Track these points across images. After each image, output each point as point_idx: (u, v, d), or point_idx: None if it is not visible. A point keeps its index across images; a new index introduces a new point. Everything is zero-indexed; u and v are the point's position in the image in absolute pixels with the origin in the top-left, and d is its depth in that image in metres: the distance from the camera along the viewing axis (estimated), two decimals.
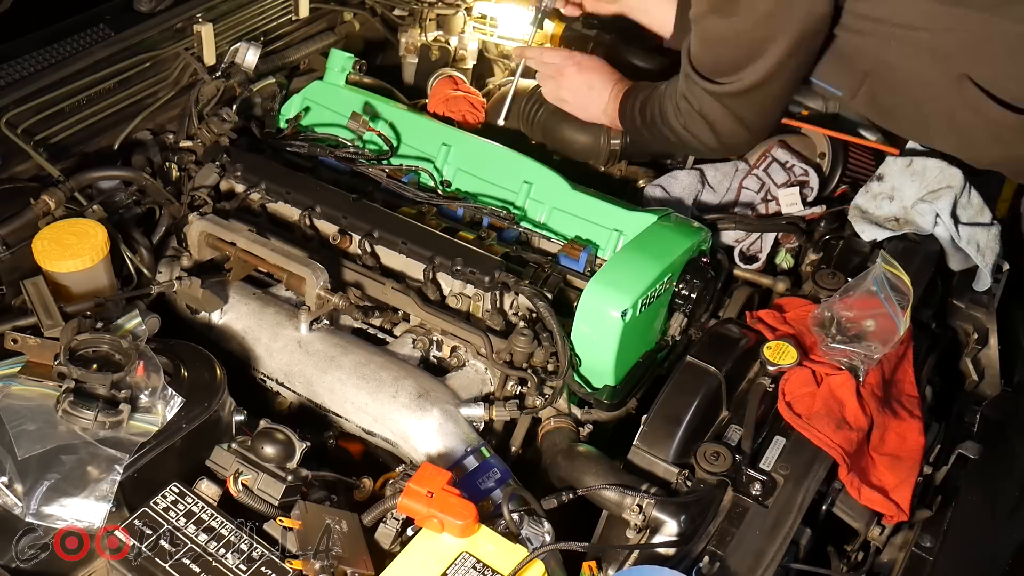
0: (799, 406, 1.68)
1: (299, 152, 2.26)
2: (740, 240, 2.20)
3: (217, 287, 1.97)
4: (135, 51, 2.23)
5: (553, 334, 1.82)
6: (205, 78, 2.30)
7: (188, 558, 1.39)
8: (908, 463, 1.68)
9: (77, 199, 2.00)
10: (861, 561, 1.68)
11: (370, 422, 1.83)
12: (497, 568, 1.40)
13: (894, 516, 1.63)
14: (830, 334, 1.75)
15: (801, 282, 2.15)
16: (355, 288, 1.95)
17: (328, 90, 2.39)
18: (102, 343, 1.61)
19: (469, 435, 1.78)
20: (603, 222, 2.04)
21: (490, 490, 1.66)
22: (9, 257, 1.90)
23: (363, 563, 1.44)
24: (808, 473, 1.61)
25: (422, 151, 2.26)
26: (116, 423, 1.52)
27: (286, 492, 1.50)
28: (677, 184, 2.29)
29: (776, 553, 1.50)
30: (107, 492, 1.46)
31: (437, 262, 1.93)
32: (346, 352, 1.89)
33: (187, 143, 2.24)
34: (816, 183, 2.28)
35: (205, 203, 2.09)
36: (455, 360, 1.93)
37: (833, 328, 1.75)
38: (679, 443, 1.65)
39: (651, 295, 1.85)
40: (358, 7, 2.73)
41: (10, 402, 1.53)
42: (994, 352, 2.02)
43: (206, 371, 1.69)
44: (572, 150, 2.41)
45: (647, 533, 1.57)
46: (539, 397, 1.83)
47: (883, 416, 1.71)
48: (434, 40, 2.76)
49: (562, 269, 1.96)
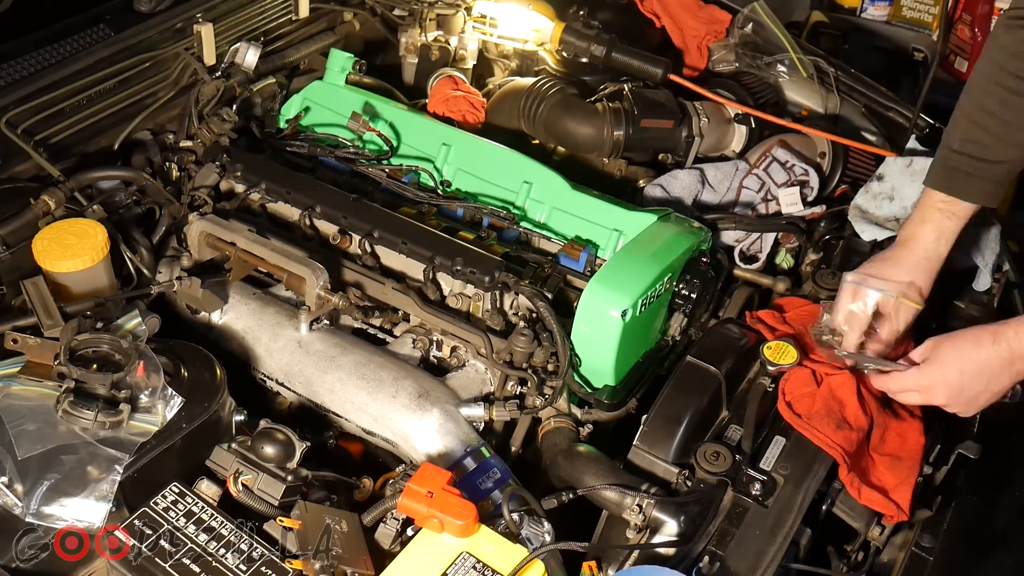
0: (799, 406, 1.68)
1: (299, 152, 2.26)
2: (740, 240, 2.20)
3: (217, 287, 1.97)
4: (135, 51, 2.23)
5: (553, 334, 1.82)
6: (205, 78, 2.30)
7: (188, 558, 1.39)
8: (908, 463, 1.68)
9: (77, 199, 2.00)
10: (861, 561, 1.68)
11: (370, 422, 1.83)
12: (497, 568, 1.40)
13: (894, 516, 1.63)
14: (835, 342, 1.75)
15: (801, 282, 2.15)
16: (355, 288, 1.95)
17: (328, 90, 2.39)
18: (102, 343, 1.61)
19: (469, 435, 1.78)
20: (603, 222, 2.04)
21: (490, 490, 1.66)
22: (9, 257, 1.90)
23: (363, 563, 1.44)
24: (808, 473, 1.61)
25: (422, 151, 2.26)
26: (116, 423, 1.52)
27: (286, 492, 1.50)
28: (677, 184, 2.29)
29: (776, 553, 1.50)
30: (107, 492, 1.46)
31: (437, 262, 1.93)
32: (346, 352, 1.89)
33: (187, 143, 2.24)
34: (816, 183, 2.28)
35: (205, 203, 2.09)
36: (455, 360, 1.93)
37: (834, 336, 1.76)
38: (679, 443, 1.65)
39: (651, 295, 1.85)
40: (358, 7, 2.73)
41: (10, 402, 1.53)
42: None
43: (206, 371, 1.69)
44: (576, 143, 2.41)
45: (647, 533, 1.57)
46: (539, 397, 1.83)
47: (883, 416, 1.71)
48: (434, 40, 2.76)
49: (562, 269, 1.96)
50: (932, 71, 2.36)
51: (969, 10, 3.43)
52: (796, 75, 2.56)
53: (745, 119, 2.47)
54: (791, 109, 2.61)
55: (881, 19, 3.69)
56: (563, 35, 2.60)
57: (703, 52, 2.67)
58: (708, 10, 2.70)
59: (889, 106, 2.50)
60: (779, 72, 2.56)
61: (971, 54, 3.45)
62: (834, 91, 2.56)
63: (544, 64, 2.69)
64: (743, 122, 2.47)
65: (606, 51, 2.54)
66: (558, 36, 2.61)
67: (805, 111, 2.58)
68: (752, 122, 2.46)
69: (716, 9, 2.70)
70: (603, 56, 2.54)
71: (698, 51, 2.68)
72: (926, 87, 2.27)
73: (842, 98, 2.56)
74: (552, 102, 2.39)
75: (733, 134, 2.49)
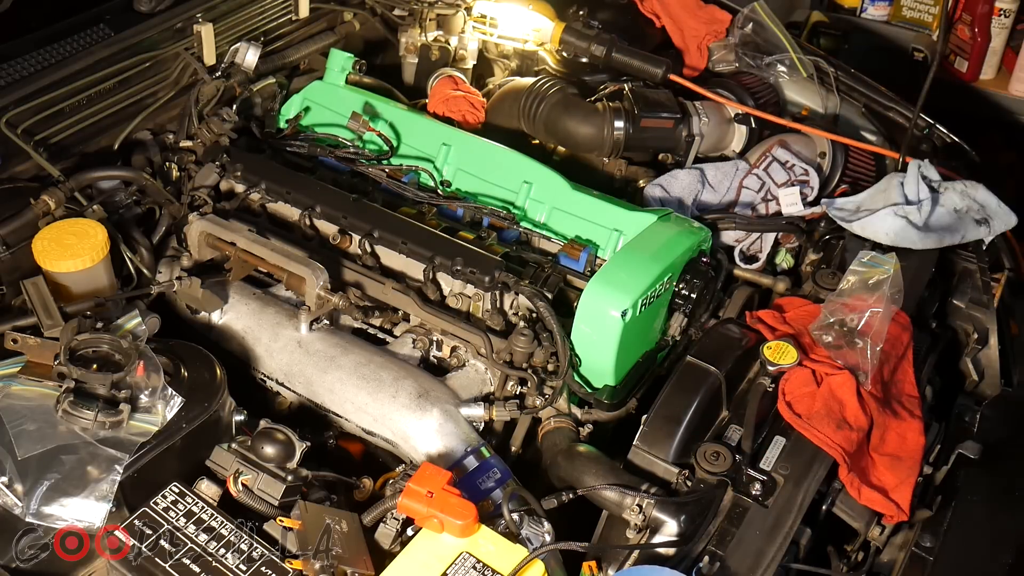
0: (799, 406, 1.68)
1: (299, 152, 2.26)
2: (740, 240, 2.20)
3: (217, 287, 1.97)
4: (135, 51, 2.23)
5: (553, 334, 1.82)
6: (205, 78, 2.30)
7: (188, 558, 1.39)
8: (908, 463, 1.68)
9: (77, 199, 2.00)
10: (861, 561, 1.68)
11: (370, 422, 1.83)
12: (497, 568, 1.40)
13: (894, 516, 1.63)
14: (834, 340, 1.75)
15: (801, 282, 2.15)
16: (355, 288, 1.95)
17: (328, 90, 2.39)
18: (102, 343, 1.61)
19: (469, 435, 1.78)
20: (603, 222, 2.04)
21: (490, 490, 1.66)
22: (9, 257, 1.91)
23: (363, 563, 1.44)
24: (808, 473, 1.61)
25: (422, 151, 2.26)
26: (116, 423, 1.52)
27: (286, 492, 1.50)
28: (677, 184, 2.29)
29: (776, 553, 1.51)
30: (107, 492, 1.46)
31: (437, 262, 1.93)
32: (346, 352, 1.89)
33: (187, 143, 2.24)
34: (816, 183, 2.28)
35: (205, 203, 2.09)
36: (455, 360, 1.93)
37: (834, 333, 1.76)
38: (679, 443, 1.65)
39: (651, 295, 1.85)
40: (358, 7, 2.73)
41: (10, 402, 1.53)
42: (994, 352, 2.02)
43: (206, 371, 1.69)
44: (576, 142, 2.41)
45: (647, 533, 1.57)
46: (539, 397, 1.83)
47: (883, 416, 1.71)
48: (434, 40, 2.76)
49: (562, 269, 1.96)
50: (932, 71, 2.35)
51: (969, 10, 3.43)
52: (796, 75, 2.56)
53: (745, 119, 2.47)
54: (791, 109, 2.61)
55: (881, 19, 3.69)
56: (563, 35, 2.60)
57: (703, 52, 2.67)
58: (708, 10, 2.70)
59: (889, 106, 2.50)
60: (779, 72, 2.56)
61: (971, 54, 3.46)
62: (834, 91, 2.56)
63: (544, 64, 2.69)
64: (743, 122, 2.47)
65: (606, 51, 2.54)
66: (558, 36, 2.61)
67: (805, 111, 2.58)
68: (752, 122, 2.46)
69: (716, 9, 2.70)
70: (603, 56, 2.55)
71: (698, 51, 2.68)
72: (926, 87, 2.27)
73: (842, 98, 2.56)
74: (552, 101, 2.39)
75: (733, 134, 2.49)
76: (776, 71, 2.56)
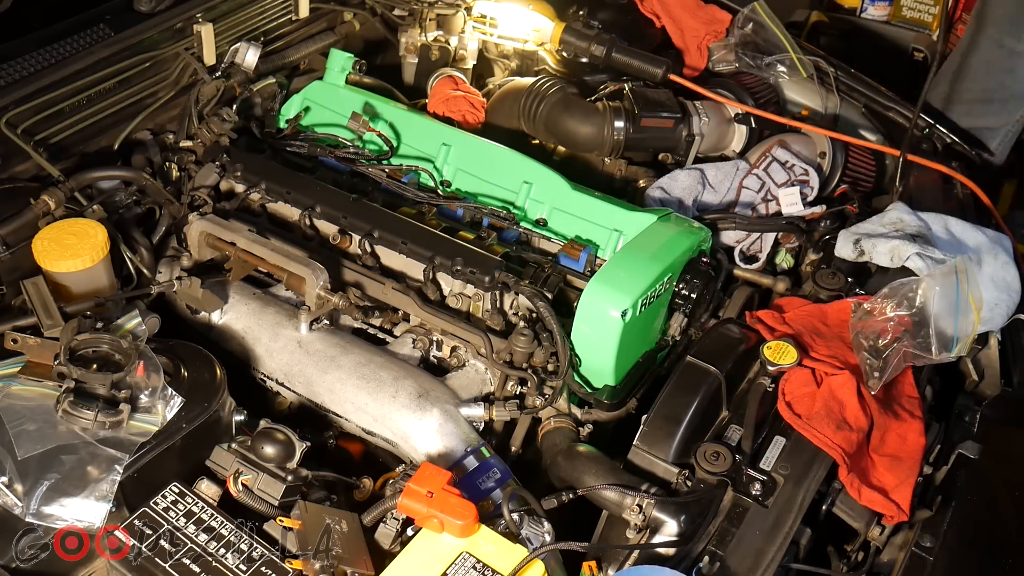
0: (799, 406, 1.68)
1: (299, 152, 2.26)
2: (740, 240, 2.20)
3: (217, 287, 1.97)
4: (135, 51, 2.23)
5: (553, 334, 1.82)
6: (205, 78, 2.30)
7: (188, 558, 1.39)
8: (908, 463, 1.68)
9: (77, 199, 2.00)
10: (861, 561, 1.68)
11: (370, 422, 1.83)
12: (497, 568, 1.40)
13: (894, 516, 1.63)
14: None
15: (801, 282, 2.15)
16: (355, 288, 1.95)
17: (328, 90, 2.39)
18: (102, 343, 1.61)
19: (469, 435, 1.78)
20: (603, 222, 2.04)
21: (490, 490, 1.66)
22: (9, 257, 1.90)
23: (363, 563, 1.45)
24: (808, 473, 1.61)
25: (422, 151, 2.26)
26: (116, 423, 1.52)
27: (286, 492, 1.50)
28: (677, 184, 2.29)
29: (776, 553, 1.51)
30: (107, 492, 1.46)
31: (437, 262, 1.93)
32: (346, 352, 1.89)
33: (187, 143, 2.24)
34: (816, 183, 2.28)
35: (205, 203, 2.09)
36: (455, 360, 1.93)
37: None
38: (679, 443, 1.65)
39: (651, 295, 1.85)
40: (358, 7, 2.73)
41: (10, 402, 1.53)
42: (994, 352, 2.01)
43: (206, 371, 1.69)
44: (576, 142, 2.41)
45: (647, 533, 1.57)
46: (539, 397, 1.83)
47: (883, 417, 1.71)
48: (434, 40, 2.76)
49: (562, 269, 1.96)
50: (932, 71, 2.35)
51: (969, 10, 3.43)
52: (796, 75, 2.56)
53: (745, 119, 2.47)
54: (791, 109, 2.61)
55: (881, 19, 3.69)
56: (563, 35, 2.60)
57: (703, 52, 2.67)
58: (708, 10, 2.70)
59: (889, 106, 2.50)
60: (779, 72, 2.56)
61: None
62: (834, 91, 2.56)
63: (544, 64, 2.69)
64: (743, 122, 2.47)
65: (606, 51, 2.54)
66: (558, 36, 2.61)
67: (805, 111, 2.58)
68: (752, 122, 2.47)
69: (716, 9, 2.70)
70: (603, 56, 2.55)
71: (698, 51, 2.68)
72: (926, 87, 2.27)
73: (842, 98, 2.56)
74: (552, 101, 2.39)
75: (733, 134, 2.49)
76: (776, 71, 2.56)
